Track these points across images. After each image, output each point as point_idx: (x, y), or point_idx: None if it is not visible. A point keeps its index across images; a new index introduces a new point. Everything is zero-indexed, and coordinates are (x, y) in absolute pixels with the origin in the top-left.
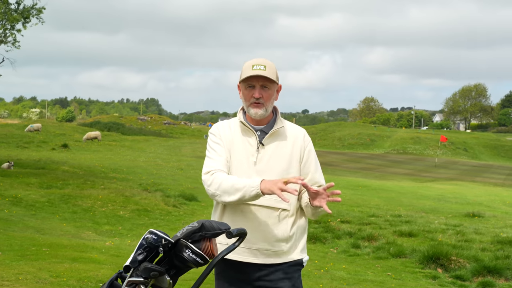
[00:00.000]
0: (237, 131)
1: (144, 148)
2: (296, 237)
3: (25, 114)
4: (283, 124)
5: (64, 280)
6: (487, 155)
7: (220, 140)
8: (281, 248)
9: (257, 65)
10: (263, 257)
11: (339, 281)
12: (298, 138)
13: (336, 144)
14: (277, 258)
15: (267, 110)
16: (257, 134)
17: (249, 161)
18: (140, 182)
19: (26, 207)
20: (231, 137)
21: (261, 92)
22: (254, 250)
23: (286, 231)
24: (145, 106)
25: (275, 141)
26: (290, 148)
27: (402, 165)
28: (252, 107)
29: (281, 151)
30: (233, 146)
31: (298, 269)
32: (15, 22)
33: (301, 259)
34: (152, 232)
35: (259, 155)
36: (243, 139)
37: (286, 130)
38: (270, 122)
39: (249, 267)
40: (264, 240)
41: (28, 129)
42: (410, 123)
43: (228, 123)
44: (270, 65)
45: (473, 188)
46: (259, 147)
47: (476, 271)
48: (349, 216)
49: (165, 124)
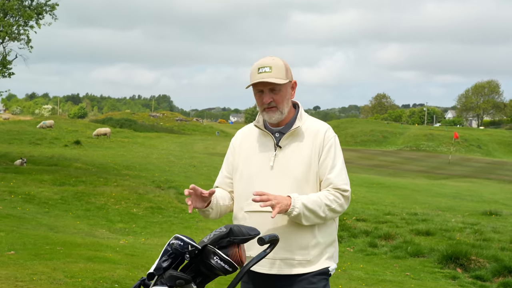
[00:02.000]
0: (255, 135)
1: (156, 145)
2: (322, 244)
3: (37, 110)
4: (302, 122)
5: (79, 280)
6: (501, 152)
7: (231, 154)
8: (305, 257)
9: (262, 67)
10: (287, 268)
11: (357, 281)
12: (318, 135)
13: (349, 141)
14: (300, 268)
15: (283, 112)
16: (275, 136)
17: (266, 165)
18: (153, 179)
19: (39, 205)
20: (250, 143)
21: (271, 96)
22: (276, 260)
23: (309, 238)
24: (157, 103)
25: (294, 142)
26: (309, 149)
27: (415, 162)
28: (265, 112)
29: (301, 153)
30: (251, 152)
31: (325, 278)
32: (29, 18)
33: (327, 268)
34: (177, 238)
35: (276, 159)
36: (261, 144)
37: (306, 129)
38: (290, 121)
39: (272, 278)
40: (286, 249)
41: (41, 125)
42: (422, 120)
43: (249, 128)
44: (276, 64)
45: (488, 185)
46: (276, 150)
47: (496, 271)
48: (364, 214)
49: (177, 120)
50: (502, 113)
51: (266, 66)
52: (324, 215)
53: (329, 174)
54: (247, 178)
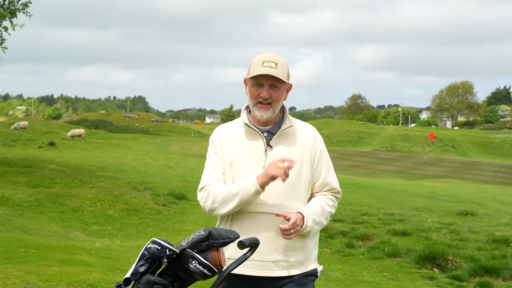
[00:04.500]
0: (242, 134)
1: (132, 146)
2: (310, 245)
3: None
4: (291, 123)
5: (53, 284)
6: (475, 152)
7: (219, 150)
8: (297, 258)
9: (268, 61)
10: (278, 270)
11: (335, 282)
12: (308, 137)
13: (325, 142)
14: (292, 270)
15: (275, 111)
16: (264, 136)
17: (257, 165)
18: (129, 180)
19: (13, 207)
20: (235, 141)
21: (270, 92)
22: (268, 262)
23: (300, 240)
24: (132, 104)
25: (284, 142)
26: (300, 149)
27: (391, 163)
28: (258, 108)
29: (291, 153)
30: (237, 152)
31: (313, 279)
32: (2, 18)
33: (315, 269)
34: (155, 242)
35: (267, 159)
36: (249, 143)
37: (295, 130)
38: (277, 121)
39: (261, 280)
40: (279, 251)
41: (14, 127)
42: (397, 120)
43: (231, 126)
44: (282, 62)
45: (464, 185)
46: (267, 150)
47: (473, 271)
48: (341, 215)
49: (152, 121)
50: (476, 113)
51: (272, 62)
52: (326, 222)
53: (326, 177)
54: (240, 178)
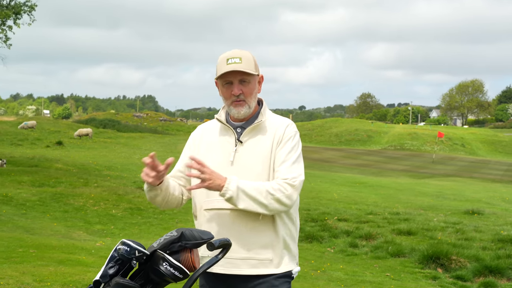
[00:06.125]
0: (216, 130)
1: (139, 145)
2: (285, 243)
3: (21, 111)
4: (264, 117)
5: (48, 284)
6: (485, 151)
7: (189, 147)
8: (267, 256)
9: (232, 58)
10: (248, 268)
11: (336, 282)
12: (278, 130)
13: (333, 140)
14: (263, 269)
15: (251, 106)
16: (237, 131)
17: (226, 161)
18: (134, 179)
19: (17, 206)
20: (210, 138)
21: (240, 88)
22: (236, 260)
23: (271, 236)
24: (142, 103)
25: (255, 137)
26: (270, 143)
27: (399, 161)
28: (233, 106)
29: (261, 148)
30: (211, 147)
31: (287, 281)
32: (6, 18)
33: (290, 271)
34: (124, 243)
35: (236, 154)
36: (222, 139)
37: (268, 124)
38: (252, 117)
39: (233, 279)
40: (246, 248)
41: (22, 126)
42: (407, 119)
43: (211, 123)
44: (246, 56)
45: (472, 184)
46: (237, 145)
47: (477, 271)
48: (346, 214)
49: (161, 120)
50: (486, 112)
51: (236, 57)
52: (266, 202)
53: (280, 166)
54: None
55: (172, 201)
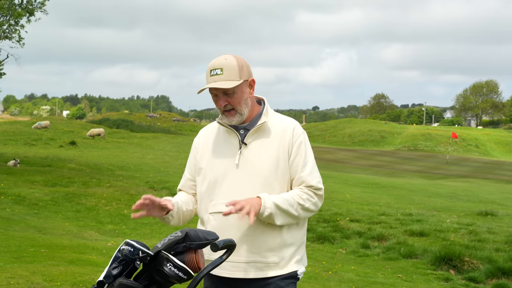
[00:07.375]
0: (220, 133)
1: (152, 145)
2: (291, 246)
3: (36, 111)
4: (268, 117)
5: (57, 284)
6: (499, 152)
7: (193, 154)
8: (273, 259)
9: (214, 69)
10: (254, 271)
11: (347, 283)
12: (286, 132)
13: (346, 141)
14: (269, 271)
15: (242, 113)
16: (240, 133)
17: (231, 164)
18: (147, 179)
19: (29, 206)
20: (213, 141)
21: (226, 99)
22: (242, 263)
23: (277, 239)
24: (156, 103)
25: (260, 138)
26: (276, 145)
27: (413, 162)
28: (225, 116)
29: (267, 150)
30: (215, 151)
31: (292, 282)
32: (19, 17)
33: (295, 271)
34: (128, 243)
35: (241, 156)
36: (225, 141)
37: (273, 125)
38: (254, 118)
39: (236, 282)
40: (253, 251)
41: (36, 126)
42: (421, 120)
43: (212, 126)
44: (229, 65)
45: (485, 185)
46: (242, 147)
47: (490, 272)
48: (358, 215)
49: (174, 121)
50: (501, 112)
51: (218, 68)
52: (297, 214)
53: (301, 172)
54: (211, 178)
55: (188, 216)
